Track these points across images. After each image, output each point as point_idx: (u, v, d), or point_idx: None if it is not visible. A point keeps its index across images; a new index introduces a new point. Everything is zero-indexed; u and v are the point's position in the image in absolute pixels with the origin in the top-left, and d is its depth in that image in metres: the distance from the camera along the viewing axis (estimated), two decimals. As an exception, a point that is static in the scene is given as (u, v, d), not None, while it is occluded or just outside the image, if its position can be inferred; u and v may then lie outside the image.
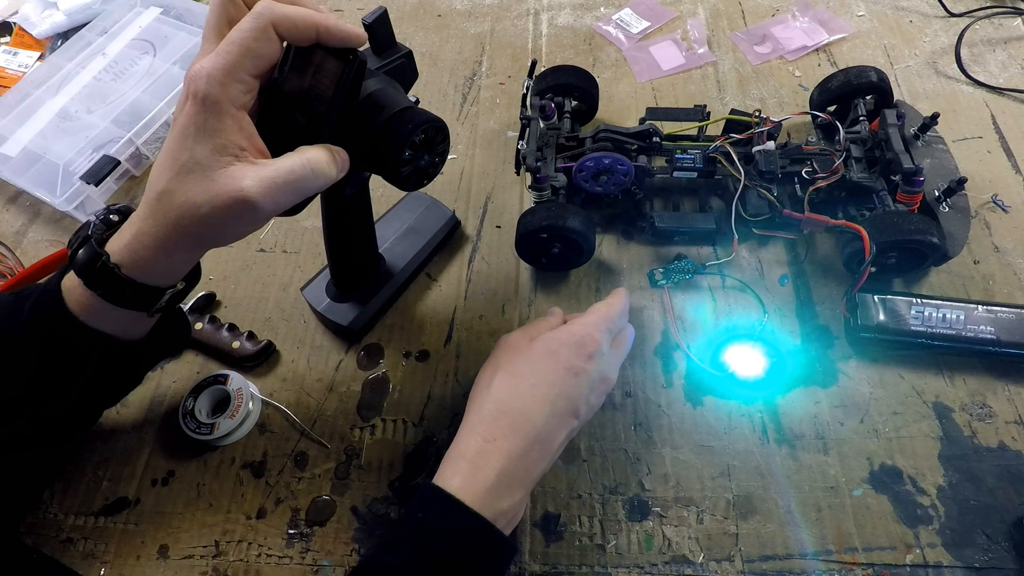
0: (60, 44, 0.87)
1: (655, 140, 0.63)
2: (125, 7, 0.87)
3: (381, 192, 0.68)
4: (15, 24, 0.91)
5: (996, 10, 0.82)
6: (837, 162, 0.59)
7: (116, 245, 0.40)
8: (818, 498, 0.52)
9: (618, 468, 0.54)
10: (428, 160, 0.46)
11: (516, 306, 0.64)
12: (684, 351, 0.59)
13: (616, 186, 0.63)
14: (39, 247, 0.71)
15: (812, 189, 0.59)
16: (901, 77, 0.77)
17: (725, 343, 0.59)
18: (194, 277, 0.46)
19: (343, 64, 0.38)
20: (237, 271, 0.67)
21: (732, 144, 0.61)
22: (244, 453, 0.57)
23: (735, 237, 0.61)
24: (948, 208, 0.60)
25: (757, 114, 0.63)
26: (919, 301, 0.56)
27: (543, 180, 0.60)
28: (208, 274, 0.67)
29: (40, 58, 0.88)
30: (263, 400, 0.59)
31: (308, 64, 0.39)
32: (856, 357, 0.58)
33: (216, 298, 0.65)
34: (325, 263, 0.62)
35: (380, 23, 0.46)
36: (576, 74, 0.71)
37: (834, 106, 0.69)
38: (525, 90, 0.66)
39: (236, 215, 0.38)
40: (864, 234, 0.55)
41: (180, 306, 0.52)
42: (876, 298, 0.57)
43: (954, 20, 0.82)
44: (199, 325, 0.62)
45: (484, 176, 0.73)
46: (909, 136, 0.62)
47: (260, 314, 0.64)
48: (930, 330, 0.55)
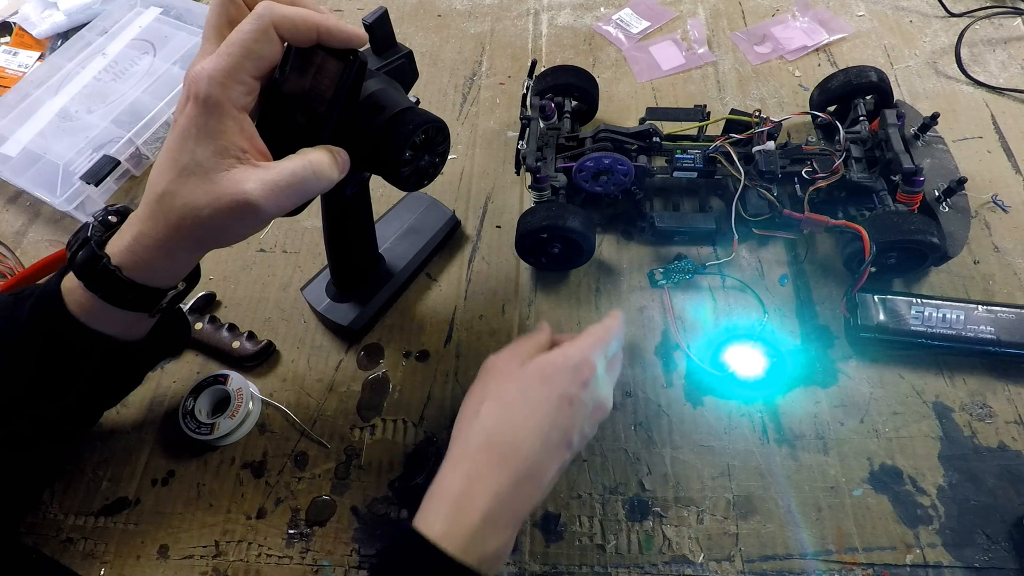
0: (60, 44, 0.87)
1: (655, 140, 0.63)
2: (125, 7, 0.87)
3: (381, 192, 0.68)
4: (15, 24, 0.91)
5: (996, 10, 0.82)
6: (837, 162, 0.59)
7: (116, 247, 0.40)
8: (818, 498, 0.52)
9: (618, 468, 0.54)
10: (428, 160, 0.46)
11: (516, 306, 0.64)
12: (684, 351, 0.59)
13: (616, 186, 0.63)
14: (39, 247, 0.71)
15: (812, 189, 0.59)
16: (901, 77, 0.77)
17: (725, 343, 0.59)
18: (194, 278, 0.46)
19: (344, 65, 0.38)
20: (237, 271, 0.67)
21: (732, 144, 0.61)
22: (244, 453, 0.57)
23: (735, 237, 0.61)
24: (948, 208, 0.60)
25: (757, 114, 0.63)
26: (919, 301, 0.57)
27: (543, 180, 0.60)
28: (208, 274, 0.67)
29: (40, 58, 0.88)
30: (263, 400, 0.59)
31: (309, 65, 0.39)
32: (856, 357, 0.58)
33: (216, 298, 0.65)
34: (325, 263, 0.62)
35: (380, 23, 0.46)
36: (576, 74, 0.71)
37: (834, 106, 0.69)
38: (525, 90, 0.66)
39: (238, 217, 0.38)
40: (864, 234, 0.55)
41: (180, 306, 0.52)
42: (876, 298, 0.57)
43: (954, 20, 0.82)
44: (199, 325, 0.62)
45: (484, 176, 0.73)
46: (909, 136, 0.62)
47: (260, 314, 0.64)
48: (930, 330, 0.55)
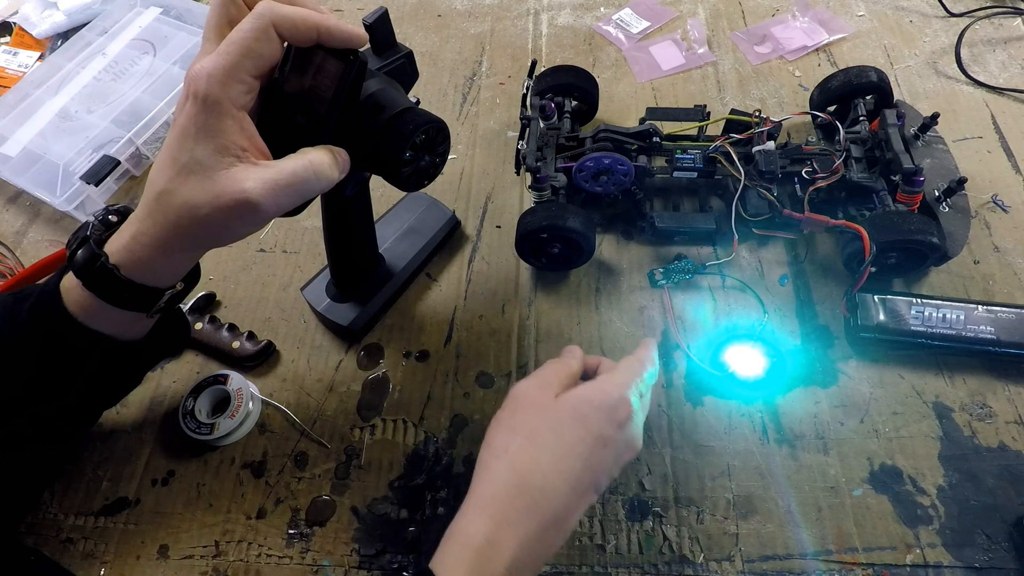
0: (60, 44, 0.87)
1: (655, 140, 0.63)
2: (125, 7, 0.87)
3: (381, 192, 0.68)
4: (15, 24, 0.91)
5: (996, 10, 0.82)
6: (837, 162, 0.59)
7: (115, 246, 0.40)
8: (818, 498, 0.52)
9: (618, 468, 0.54)
10: (428, 161, 0.46)
11: (516, 306, 0.64)
12: (684, 351, 0.59)
13: (616, 186, 0.63)
14: (39, 247, 0.71)
15: (812, 189, 0.59)
16: (901, 77, 0.77)
17: (725, 343, 0.59)
18: (194, 277, 0.46)
19: (344, 65, 0.38)
20: (237, 271, 0.67)
21: (732, 144, 0.61)
22: (244, 453, 0.57)
23: (735, 237, 0.61)
24: (948, 208, 0.60)
25: (757, 114, 0.63)
26: (919, 301, 0.56)
27: (543, 180, 0.60)
28: (208, 274, 0.67)
29: (40, 58, 0.88)
30: (263, 400, 0.59)
31: (309, 64, 0.39)
32: (856, 357, 0.58)
33: (216, 298, 0.65)
34: (325, 263, 0.62)
35: (380, 23, 0.46)
36: (576, 74, 0.71)
37: (834, 106, 0.69)
38: (525, 90, 0.66)
39: (238, 216, 0.38)
40: (864, 234, 0.55)
41: (180, 306, 0.52)
42: (876, 298, 0.57)
43: (954, 20, 0.82)
44: (199, 325, 0.62)
45: (484, 176, 0.73)
46: (909, 136, 0.62)
47: (260, 314, 0.64)
48: (930, 330, 0.55)
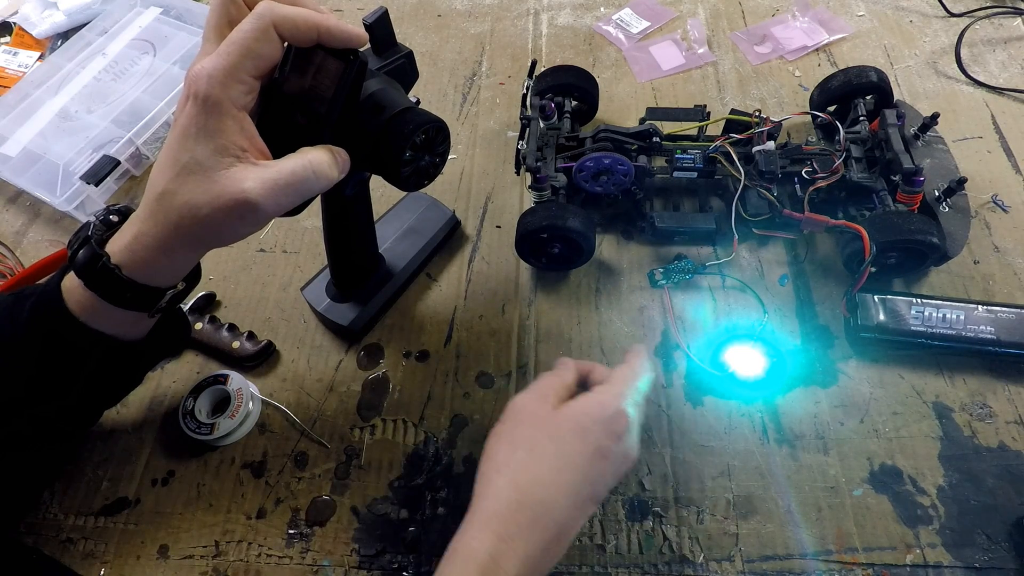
0: (60, 44, 0.87)
1: (655, 140, 0.63)
2: (125, 7, 0.87)
3: (381, 192, 0.68)
4: (15, 24, 0.91)
5: (996, 10, 0.82)
6: (837, 162, 0.59)
7: (116, 246, 0.40)
8: (818, 498, 0.52)
9: (618, 468, 0.54)
10: (428, 160, 0.46)
11: (516, 306, 0.64)
12: (684, 351, 0.59)
13: (616, 186, 0.63)
14: (39, 247, 0.71)
15: (812, 189, 0.59)
16: (901, 77, 0.77)
17: (725, 343, 0.59)
18: (194, 277, 0.46)
19: (344, 64, 0.38)
20: (237, 271, 0.67)
21: (732, 144, 0.61)
22: (244, 453, 0.57)
23: (735, 237, 0.61)
24: (948, 208, 0.60)
25: (757, 114, 0.63)
26: (919, 301, 0.56)
27: (543, 180, 0.60)
28: (208, 274, 0.67)
29: (40, 58, 0.88)
30: (263, 400, 0.59)
31: (309, 65, 0.39)
32: (856, 357, 0.58)
33: (216, 298, 0.65)
34: (325, 263, 0.62)
35: (380, 23, 0.46)
36: (576, 74, 0.71)
37: (834, 106, 0.69)
38: (525, 90, 0.66)
39: (238, 216, 0.38)
40: (864, 234, 0.55)
41: (180, 306, 0.52)
42: (876, 298, 0.57)
43: (954, 20, 0.82)
44: (199, 325, 0.62)
45: (484, 176, 0.73)
46: (909, 136, 0.62)
47: (260, 314, 0.64)
48: (930, 330, 0.55)
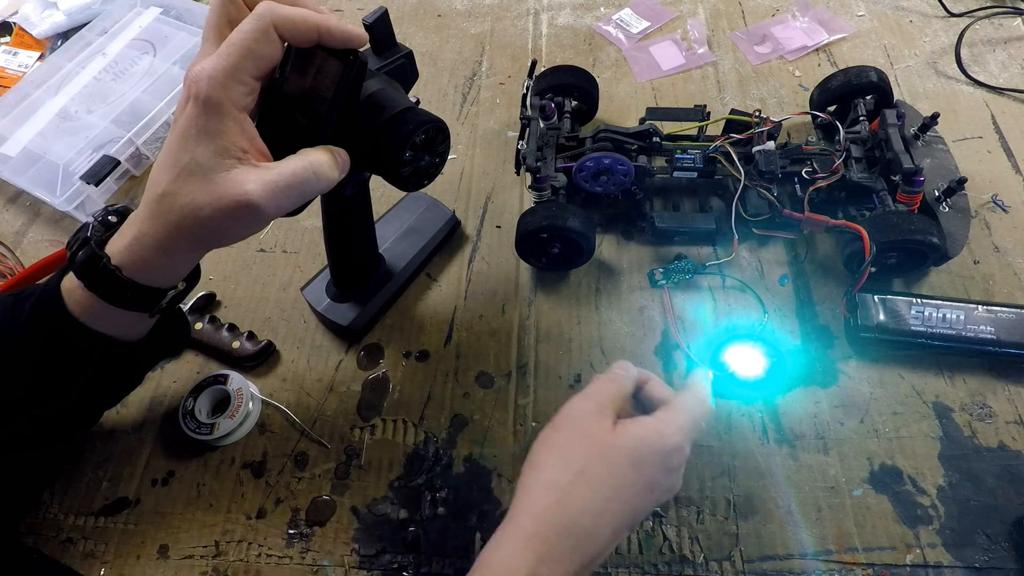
0: (60, 44, 0.87)
1: (655, 140, 0.63)
2: (125, 7, 0.87)
3: (381, 192, 0.68)
4: (15, 24, 0.91)
5: (996, 10, 0.82)
6: (837, 162, 0.59)
7: (116, 247, 0.40)
8: (818, 498, 0.52)
9: (618, 468, 0.54)
10: (428, 160, 0.46)
11: (516, 306, 0.64)
12: (684, 351, 0.59)
13: (616, 186, 0.63)
14: (39, 247, 0.71)
15: (812, 189, 0.59)
16: (901, 77, 0.77)
17: (725, 343, 0.59)
18: (194, 277, 0.46)
19: (344, 65, 0.38)
20: (237, 271, 0.67)
21: (732, 144, 0.61)
22: (244, 453, 0.57)
23: (735, 237, 0.61)
24: (948, 208, 0.60)
25: (757, 114, 0.63)
26: (919, 301, 0.56)
27: (543, 180, 0.60)
28: (208, 274, 0.67)
29: (40, 58, 0.88)
30: (263, 400, 0.59)
31: (309, 65, 0.39)
32: (856, 357, 0.58)
33: (216, 298, 0.65)
34: (325, 263, 0.62)
35: (380, 23, 0.46)
36: (576, 74, 0.71)
37: (834, 106, 0.69)
38: (525, 90, 0.66)
39: (239, 218, 0.38)
40: (864, 234, 0.55)
41: (180, 306, 0.52)
42: (876, 298, 0.57)
43: (954, 20, 0.82)
44: (199, 325, 0.62)
45: (484, 176, 0.73)
46: (909, 136, 0.62)
47: (260, 314, 0.64)
48: (930, 330, 0.55)
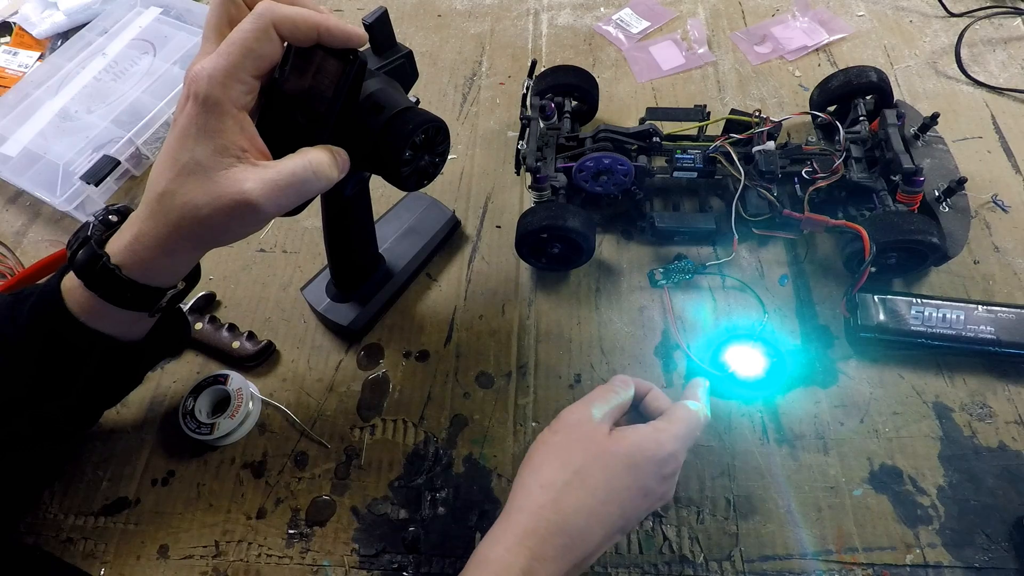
0: (60, 44, 0.87)
1: (655, 140, 0.63)
2: (125, 7, 0.87)
3: (381, 192, 0.68)
4: (15, 24, 0.91)
5: (996, 10, 0.82)
6: (837, 162, 0.59)
7: (116, 246, 0.40)
8: (818, 498, 0.52)
9: (618, 468, 0.54)
10: (428, 160, 0.46)
11: (516, 306, 0.64)
12: (684, 351, 0.59)
13: (616, 186, 0.63)
14: (39, 247, 0.71)
15: (812, 189, 0.59)
16: (901, 77, 0.77)
17: (725, 343, 0.59)
18: (194, 277, 0.46)
19: (343, 64, 0.38)
20: (237, 271, 0.67)
21: (732, 144, 0.61)
22: (244, 453, 0.57)
23: (735, 237, 0.61)
24: (948, 208, 0.60)
25: (757, 114, 0.63)
26: (919, 301, 0.56)
27: (543, 180, 0.60)
28: (208, 274, 0.67)
29: (40, 58, 0.88)
30: (263, 400, 0.59)
31: (309, 64, 0.39)
32: (856, 357, 0.58)
33: (216, 298, 0.65)
34: (325, 263, 0.62)
35: (380, 23, 0.46)
36: (576, 74, 0.71)
37: (834, 106, 0.69)
38: (525, 90, 0.66)
39: (238, 217, 0.38)
40: (864, 234, 0.55)
41: (180, 306, 0.52)
42: (876, 298, 0.57)
43: (954, 20, 0.82)
44: (199, 325, 0.62)
45: (484, 176, 0.73)
46: (909, 136, 0.62)
47: (260, 314, 0.64)
48: (930, 330, 0.55)
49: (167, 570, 0.52)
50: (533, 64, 0.67)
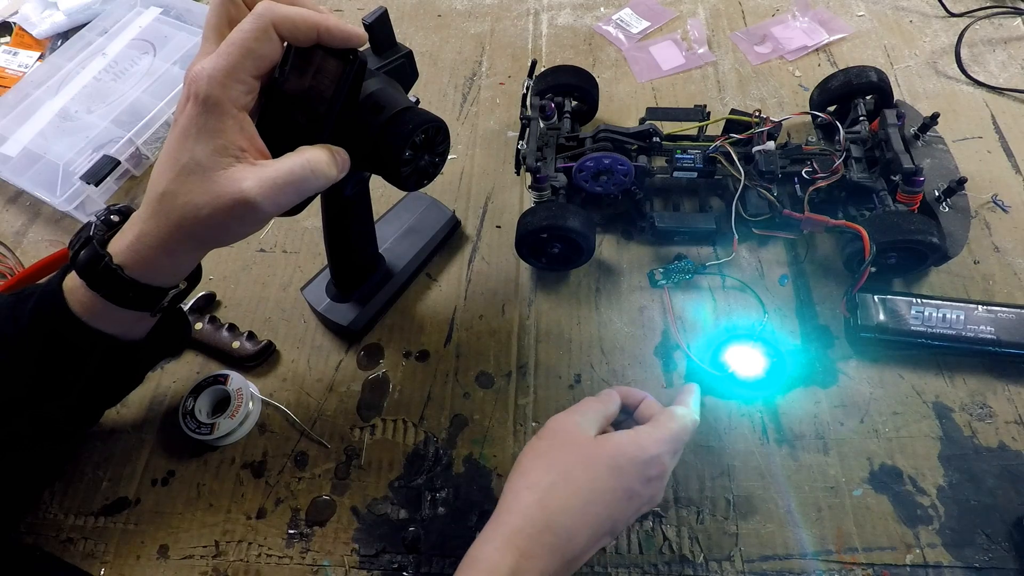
0: (60, 44, 0.87)
1: (655, 140, 0.63)
2: (125, 7, 0.87)
3: (381, 192, 0.68)
4: (15, 24, 0.91)
5: (996, 10, 0.82)
6: (837, 162, 0.59)
7: (118, 246, 0.40)
8: (818, 498, 0.52)
9: (618, 468, 0.54)
10: (428, 160, 0.46)
11: (516, 306, 0.64)
12: (684, 351, 0.59)
13: (616, 186, 0.63)
14: (39, 247, 0.71)
15: (812, 189, 0.59)
16: (901, 77, 0.77)
17: (725, 343, 0.59)
18: (196, 277, 0.46)
19: (343, 64, 0.38)
20: (237, 271, 0.67)
21: (732, 144, 0.61)
22: (244, 453, 0.57)
23: (735, 237, 0.61)
24: (948, 208, 0.60)
25: (757, 114, 0.63)
26: (919, 301, 0.56)
27: (543, 180, 0.60)
28: (208, 274, 0.67)
29: (40, 58, 0.88)
30: (263, 400, 0.59)
31: (308, 64, 0.39)
32: (856, 357, 0.58)
33: (216, 298, 0.65)
34: (325, 263, 0.62)
35: (380, 23, 0.46)
36: (576, 74, 0.71)
37: (834, 106, 0.69)
38: (525, 90, 0.66)
39: (237, 216, 0.38)
40: (864, 234, 0.55)
41: (180, 306, 0.52)
42: (876, 298, 0.57)
43: (954, 20, 0.82)
44: (199, 325, 0.62)
45: (484, 176, 0.73)
46: (909, 136, 0.62)
47: (260, 314, 0.64)
48: (930, 330, 0.55)
49: (167, 570, 0.52)
50: (533, 64, 0.67)
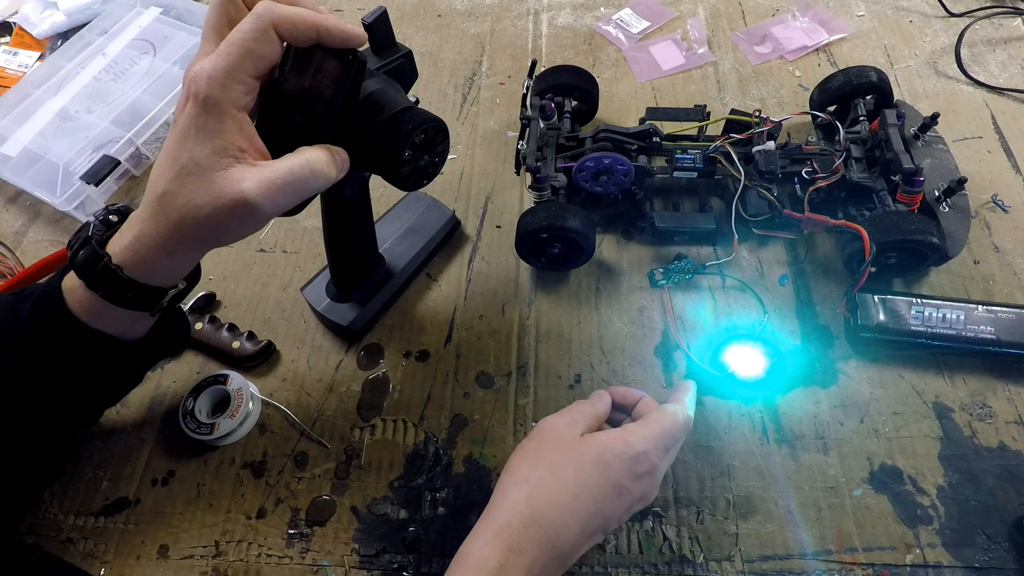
0: (60, 44, 0.87)
1: (655, 140, 0.63)
2: (125, 7, 0.87)
3: (381, 192, 0.68)
4: (15, 24, 0.91)
5: (996, 10, 0.82)
6: (837, 162, 0.59)
7: (117, 246, 0.40)
8: (818, 498, 0.52)
9: (618, 468, 0.54)
10: (428, 160, 0.46)
11: (516, 306, 0.64)
12: (684, 351, 0.59)
13: (616, 186, 0.63)
14: (39, 247, 0.71)
15: (812, 189, 0.59)
16: (901, 77, 0.77)
17: (725, 343, 0.59)
18: (195, 277, 0.46)
19: (343, 64, 0.38)
20: (237, 271, 0.67)
21: (732, 144, 0.61)
22: (244, 453, 0.57)
23: (735, 237, 0.61)
24: (948, 208, 0.60)
25: (757, 114, 0.63)
26: (919, 301, 0.56)
27: (543, 180, 0.60)
28: (208, 274, 0.67)
29: (40, 58, 0.88)
30: (263, 400, 0.59)
31: (308, 64, 0.39)
32: (856, 357, 0.58)
33: (216, 298, 0.65)
34: (325, 263, 0.62)
35: (380, 23, 0.46)
36: (576, 74, 0.71)
37: (834, 106, 0.69)
38: (525, 90, 0.66)
39: (237, 217, 0.38)
40: (864, 234, 0.55)
41: (180, 306, 0.52)
42: (876, 298, 0.57)
43: (954, 20, 0.82)
44: (199, 325, 0.62)
45: (484, 176, 0.73)
46: (909, 136, 0.62)
47: (260, 314, 0.64)
48: (930, 330, 0.55)
49: (167, 570, 0.52)
50: (533, 64, 0.67)
